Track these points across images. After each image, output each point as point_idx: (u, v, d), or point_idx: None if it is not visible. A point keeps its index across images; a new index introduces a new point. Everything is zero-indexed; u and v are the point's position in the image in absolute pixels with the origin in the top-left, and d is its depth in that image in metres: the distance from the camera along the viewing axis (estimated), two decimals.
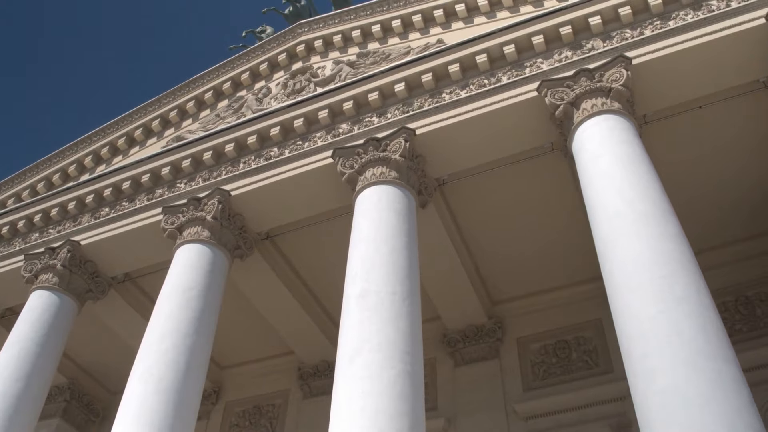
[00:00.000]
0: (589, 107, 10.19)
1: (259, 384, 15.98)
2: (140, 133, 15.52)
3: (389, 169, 11.08)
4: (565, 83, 10.64)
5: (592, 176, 9.34)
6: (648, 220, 8.39)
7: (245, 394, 15.91)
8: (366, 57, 13.82)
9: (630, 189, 8.80)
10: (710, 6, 10.69)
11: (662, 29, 10.76)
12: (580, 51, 11.19)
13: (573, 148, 10.22)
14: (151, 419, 9.36)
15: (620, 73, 10.31)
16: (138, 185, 13.88)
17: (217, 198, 12.29)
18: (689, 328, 7.21)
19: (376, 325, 8.73)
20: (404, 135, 11.29)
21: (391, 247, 9.80)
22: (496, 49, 11.73)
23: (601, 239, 8.63)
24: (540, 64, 11.36)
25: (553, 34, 11.47)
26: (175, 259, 11.86)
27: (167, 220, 12.53)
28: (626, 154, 9.31)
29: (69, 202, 14.33)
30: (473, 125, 11.34)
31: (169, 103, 15.57)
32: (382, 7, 14.42)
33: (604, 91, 10.29)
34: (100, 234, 13.57)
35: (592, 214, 9.03)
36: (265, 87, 14.76)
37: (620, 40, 10.97)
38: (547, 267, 13.99)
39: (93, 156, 15.69)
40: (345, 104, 12.45)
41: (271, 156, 12.66)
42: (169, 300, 10.92)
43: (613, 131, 9.72)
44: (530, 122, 11.22)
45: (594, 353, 13.31)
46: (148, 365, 10.05)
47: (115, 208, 13.80)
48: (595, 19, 11.23)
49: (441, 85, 12.00)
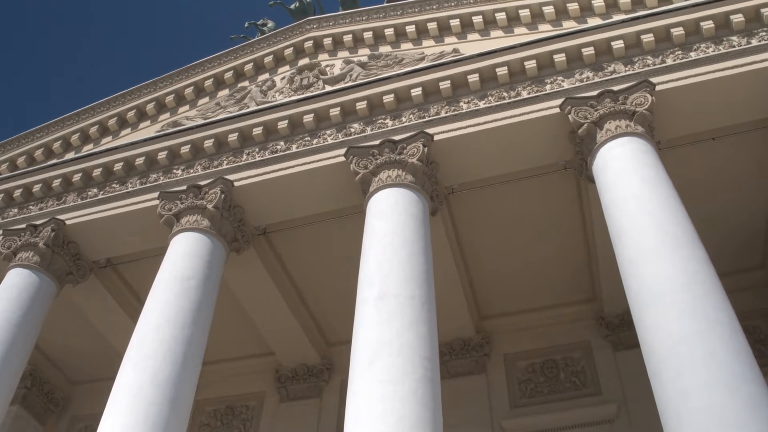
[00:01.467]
0: (613, 128, 10.26)
1: (234, 384, 15.47)
2: (133, 115, 14.96)
3: (405, 172, 10.91)
4: (588, 102, 10.70)
5: (618, 195, 9.37)
6: (677, 242, 8.44)
7: (218, 393, 15.37)
8: (378, 59, 13.67)
9: (659, 211, 8.85)
10: (731, 41, 10.94)
11: (683, 59, 10.95)
12: (601, 73, 11.29)
13: (595, 167, 10.26)
14: (146, 411, 8.90)
15: (645, 97, 10.42)
16: (131, 168, 13.35)
17: (219, 187, 11.90)
18: (724, 350, 7.24)
19: (395, 329, 8.52)
20: (422, 140, 11.16)
21: (409, 251, 9.62)
22: (517, 63, 11.74)
23: (629, 258, 8.63)
24: (561, 82, 11.40)
25: (575, 53, 11.55)
26: (172, 246, 11.41)
27: (164, 206, 12.06)
28: (653, 177, 9.38)
29: (54, 179, 13.67)
30: (491, 136, 11.29)
31: (165, 87, 15.07)
32: (396, 11, 14.30)
33: (628, 113, 10.38)
34: (86, 215, 12.96)
35: (619, 232, 9.03)
36: (270, 80, 14.43)
37: (642, 66, 11.11)
38: (540, 285, 14.00)
39: (80, 134, 15.04)
40: (358, 104, 12.25)
41: (277, 149, 12.35)
42: (168, 288, 10.47)
43: (638, 153, 9.80)
44: (548, 138, 11.24)
45: (582, 374, 13.35)
46: (143, 355, 9.57)
47: (105, 190, 13.22)
48: (617, 44, 11.35)
49: (458, 93, 11.93)
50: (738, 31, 10.97)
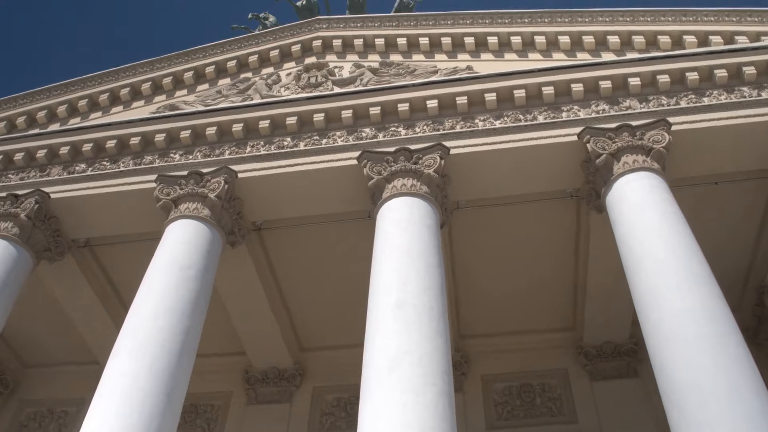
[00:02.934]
0: (631, 162, 10.45)
1: (199, 381, 14.71)
2: (126, 93, 14.38)
3: (420, 183, 10.83)
4: (607, 134, 10.88)
5: (637, 228, 9.51)
6: (698, 279, 8.62)
7: None
8: (389, 67, 13.59)
9: (680, 247, 9.03)
10: (742, 91, 11.34)
11: (697, 104, 11.28)
12: (617, 107, 11.51)
13: (610, 198, 10.40)
14: (142, 402, 8.44)
15: (662, 135, 10.67)
16: (124, 146, 12.80)
17: (223, 177, 11.53)
18: (746, 387, 7.42)
19: (415, 339, 8.39)
20: (439, 152, 11.11)
21: (426, 262, 9.52)
22: (535, 87, 11.85)
23: (649, 289, 8.74)
24: (577, 111, 11.57)
25: (593, 85, 11.75)
26: (170, 232, 10.95)
27: (162, 189, 11.60)
28: (671, 213, 9.59)
29: (39, 149, 12.97)
30: (506, 156, 11.35)
31: (163, 69, 14.57)
32: (410, 21, 14.28)
33: (645, 149, 10.59)
34: (71, 191, 12.33)
35: (639, 263, 9.13)
36: (276, 74, 14.15)
37: (657, 105, 11.38)
38: (522, 309, 14.08)
39: (68, 106, 14.34)
40: (372, 109, 12.12)
41: (284, 145, 12.08)
42: (167, 275, 10.01)
43: (656, 189, 10.01)
44: (560, 165, 11.37)
45: (558, 401, 13.47)
46: (139, 342, 9.10)
47: (94, 166, 12.62)
48: (634, 80, 11.61)
49: (474, 110, 11.95)
50: (749, 83, 11.40)
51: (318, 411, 14.04)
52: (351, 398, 14.08)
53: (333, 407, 14.06)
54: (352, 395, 14.03)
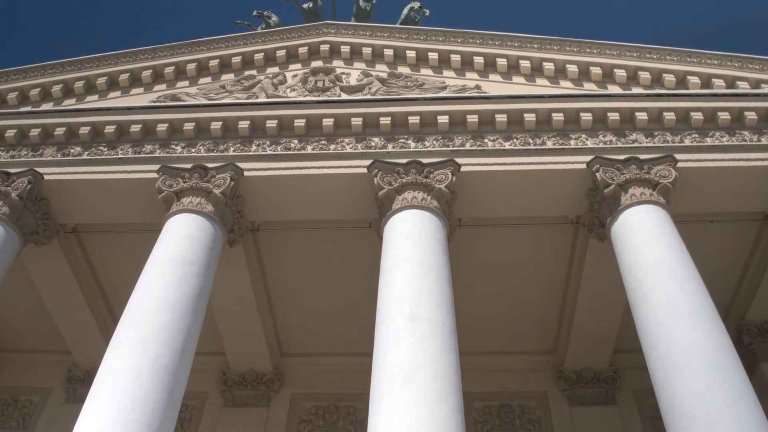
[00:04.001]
0: (638, 194, 10.67)
1: None
2: (126, 79, 14.02)
3: (431, 197, 10.84)
4: (615, 165, 11.09)
5: (645, 259, 9.69)
6: (703, 313, 8.85)
7: None
8: (398, 78, 13.60)
9: (686, 281, 9.26)
10: (743, 135, 11.72)
11: (700, 143, 11.61)
12: (624, 139, 11.75)
13: (616, 227, 10.58)
14: (144, 399, 8.17)
15: (669, 171, 10.93)
16: (123, 133, 12.46)
17: (230, 173, 11.33)
18: (752, 420, 7.63)
19: (429, 353, 8.36)
20: (451, 168, 11.15)
21: (437, 276, 9.52)
22: (545, 112, 12.02)
23: (658, 320, 8.90)
24: (585, 140, 11.77)
25: (601, 116, 11.97)
26: (172, 225, 10.69)
27: (165, 181, 11.32)
28: (678, 248, 9.82)
29: (32, 128, 12.52)
30: (514, 178, 11.45)
31: (165, 57, 14.26)
32: (420, 35, 14.34)
33: (652, 183, 10.83)
34: (66, 174, 11.93)
35: (646, 294, 9.29)
36: (281, 75, 13.99)
37: (662, 141, 11.67)
38: (506, 329, 14.19)
39: (63, 86, 13.89)
40: (382, 119, 12.09)
41: (290, 147, 11.94)
42: (170, 270, 9.74)
43: (663, 222, 10.24)
44: (566, 191, 11.53)
45: (537, 424, 13.60)
46: (141, 337, 8.80)
47: (90, 151, 12.25)
48: (641, 115, 11.88)
49: (483, 130, 12.03)
50: (750, 128, 11.78)
51: (296, 418, 13.85)
52: (330, 407, 14.01)
53: (311, 415, 13.89)
54: (331, 404, 14.03)
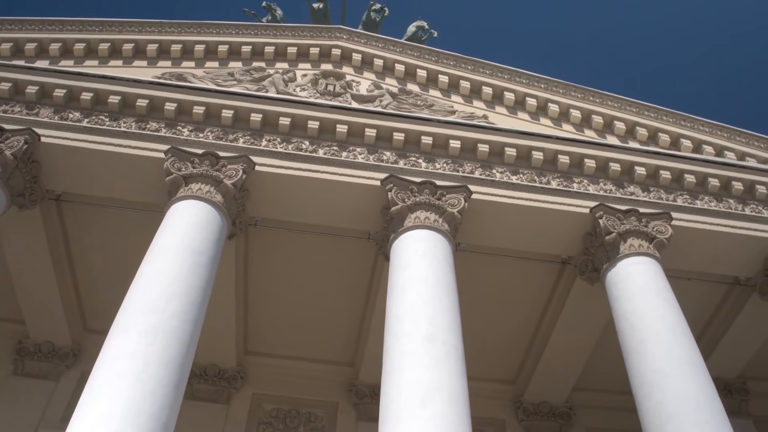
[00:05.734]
0: (637, 245, 11.16)
1: None
2: (129, 49, 13.49)
3: (443, 220, 10.98)
4: (616, 214, 11.56)
5: (642, 309, 10.14)
6: (695, 366, 9.39)
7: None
8: (408, 95, 13.72)
9: (681, 334, 9.78)
10: (729, 203, 12.48)
11: (691, 205, 12.27)
12: (623, 191, 12.27)
13: (612, 274, 11.01)
14: (153, 390, 7.86)
15: (665, 227, 11.50)
16: (126, 105, 11.99)
17: (242, 166, 11.09)
18: None
19: (446, 377, 8.46)
20: (464, 194, 11.32)
21: (450, 300, 9.66)
22: (551, 152, 12.39)
23: (654, 369, 9.32)
24: (587, 185, 12.21)
25: (603, 164, 12.46)
26: (180, 211, 10.34)
27: (173, 164, 10.95)
28: (673, 301, 10.35)
29: (30, 84, 11.85)
30: (517, 212, 11.74)
31: (172, 34, 13.82)
32: (432, 56, 14.52)
33: (649, 236, 11.36)
34: (63, 139, 11.35)
35: (641, 343, 9.71)
36: (291, 72, 13.84)
37: (657, 197, 12.27)
38: (476, 356, 14.38)
39: (62, 46, 13.22)
40: (396, 134, 12.15)
41: (302, 148, 11.82)
42: (180, 258, 9.40)
43: (658, 276, 10.77)
44: (564, 232, 11.92)
45: None
46: (151, 325, 8.46)
47: (91, 118, 11.71)
48: (640, 170, 12.44)
49: (492, 160, 12.29)
50: (735, 197, 12.56)
51: (255, 419, 13.61)
52: (291, 411, 13.86)
53: (272, 417, 13.69)
54: (293, 408, 13.90)
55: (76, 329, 13.76)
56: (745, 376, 13.89)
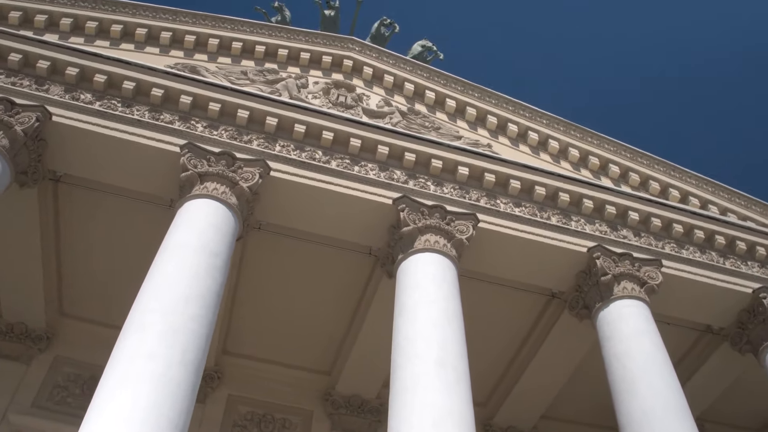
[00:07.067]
0: (629, 288, 11.63)
1: None
2: (142, 34, 13.20)
3: (452, 245, 11.18)
4: (612, 257, 12.01)
5: (636, 351, 10.58)
6: (682, 408, 9.95)
7: None
8: (416, 115, 13.90)
9: (670, 377, 10.31)
10: (711, 255, 13.12)
11: (678, 254, 12.84)
12: (616, 233, 12.73)
13: (604, 314, 11.43)
14: (174, 393, 7.75)
15: (656, 273, 12.02)
16: (140, 93, 11.75)
17: (259, 170, 11.03)
18: None
19: (456, 402, 8.67)
20: (472, 222, 11.56)
21: (458, 326, 9.87)
22: (553, 189, 12.75)
23: (642, 410, 9.80)
24: (584, 224, 12.62)
25: (599, 205, 12.90)
26: (195, 209, 10.20)
27: (190, 160, 10.80)
28: (661, 347, 10.84)
29: (41, 58, 11.47)
30: (518, 244, 12.04)
31: (187, 24, 13.61)
32: (441, 79, 14.74)
33: (640, 281, 11.84)
34: (75, 121, 11.03)
35: (633, 383, 10.15)
36: (304, 78, 13.81)
37: (647, 243, 12.79)
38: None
39: (73, 21, 12.85)
40: (407, 155, 12.27)
41: (315, 157, 11.82)
42: (197, 259, 9.27)
43: (649, 320, 11.26)
44: (559, 267, 12.29)
45: None
46: (170, 327, 8.31)
47: (103, 102, 11.43)
48: (633, 215, 12.94)
49: (497, 191, 12.55)
50: (717, 250, 13.22)
51: (230, 421, 13.49)
52: (266, 416, 13.82)
53: (246, 420, 13.60)
54: (267, 413, 13.87)
55: (52, 313, 13.38)
56: (703, 418, 14.55)
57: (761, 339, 12.45)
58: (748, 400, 14.25)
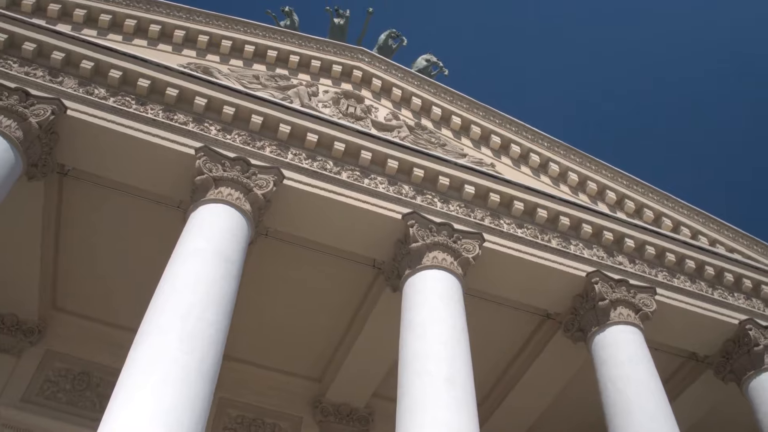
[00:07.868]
0: (625, 314, 11.94)
1: None
2: (156, 30, 13.14)
3: (458, 263, 11.34)
4: (609, 282, 12.32)
5: (631, 376, 10.88)
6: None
7: None
8: (423, 131, 14.06)
9: (662, 401, 10.65)
10: (701, 285, 13.53)
11: (669, 282, 13.22)
12: (612, 259, 13.05)
13: (600, 338, 11.72)
14: (193, 399, 7.77)
15: (650, 301, 12.36)
16: (154, 91, 11.68)
17: (273, 178, 11.06)
18: None
19: (464, 418, 8.88)
20: (479, 241, 11.74)
21: (465, 345, 10.05)
22: (554, 212, 13.02)
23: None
24: (582, 249, 12.92)
25: (598, 230, 13.21)
26: (210, 214, 10.19)
27: (205, 164, 10.78)
28: (654, 372, 11.19)
29: (56, 49, 11.34)
30: (520, 265, 12.28)
31: (200, 24, 13.58)
32: (447, 95, 14.93)
33: (635, 307, 12.16)
34: (89, 116, 10.93)
35: (628, 405, 10.45)
36: (314, 86, 13.87)
37: (640, 270, 13.14)
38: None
39: (87, 13, 12.72)
40: (416, 170, 12.41)
41: (327, 168, 11.89)
42: (214, 265, 9.29)
43: (643, 346, 11.60)
44: (558, 289, 12.56)
45: None
46: (189, 333, 8.29)
47: (117, 98, 11.33)
48: (629, 242, 13.28)
49: (500, 211, 12.76)
50: (706, 280, 13.63)
51: (221, 423, 13.43)
52: (256, 420, 13.97)
53: (237, 424, 13.60)
54: (258, 417, 14.14)
55: (44, 306, 13.20)
56: None
57: (745, 369, 12.88)
58: (727, 428, 14.70)
